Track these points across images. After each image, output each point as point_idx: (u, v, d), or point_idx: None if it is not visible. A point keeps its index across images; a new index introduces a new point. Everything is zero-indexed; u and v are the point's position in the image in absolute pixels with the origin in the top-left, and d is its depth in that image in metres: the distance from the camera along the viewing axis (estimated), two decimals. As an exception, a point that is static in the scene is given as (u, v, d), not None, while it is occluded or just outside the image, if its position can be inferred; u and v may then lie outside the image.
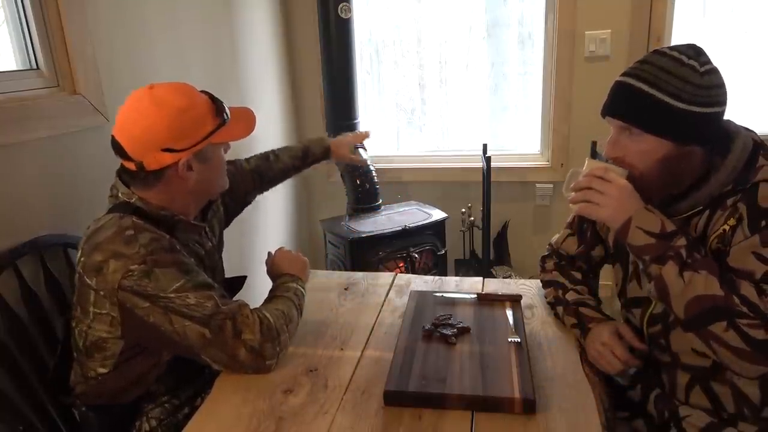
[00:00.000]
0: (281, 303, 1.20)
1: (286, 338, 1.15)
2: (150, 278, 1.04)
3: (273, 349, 1.12)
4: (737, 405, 1.07)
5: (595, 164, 1.07)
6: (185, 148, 1.09)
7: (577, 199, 1.06)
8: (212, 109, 1.13)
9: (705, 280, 0.94)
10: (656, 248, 0.98)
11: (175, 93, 1.10)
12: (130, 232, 1.07)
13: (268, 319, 1.12)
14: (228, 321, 1.08)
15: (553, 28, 2.69)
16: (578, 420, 0.98)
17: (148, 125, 1.07)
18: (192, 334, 1.06)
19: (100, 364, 1.13)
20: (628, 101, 1.01)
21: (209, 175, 1.16)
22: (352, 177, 2.65)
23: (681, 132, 0.99)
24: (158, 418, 1.19)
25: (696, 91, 0.96)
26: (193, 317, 1.05)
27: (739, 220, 0.97)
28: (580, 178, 1.07)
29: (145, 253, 1.05)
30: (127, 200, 1.13)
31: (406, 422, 0.99)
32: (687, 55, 0.98)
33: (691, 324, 0.97)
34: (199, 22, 2.08)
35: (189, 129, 1.09)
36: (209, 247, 1.29)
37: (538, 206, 2.94)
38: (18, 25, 1.41)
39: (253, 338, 1.09)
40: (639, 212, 1.00)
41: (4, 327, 1.22)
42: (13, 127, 1.30)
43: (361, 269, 2.28)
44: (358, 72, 2.68)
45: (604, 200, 1.02)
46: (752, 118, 2.20)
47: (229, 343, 1.08)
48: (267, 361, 1.12)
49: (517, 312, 1.30)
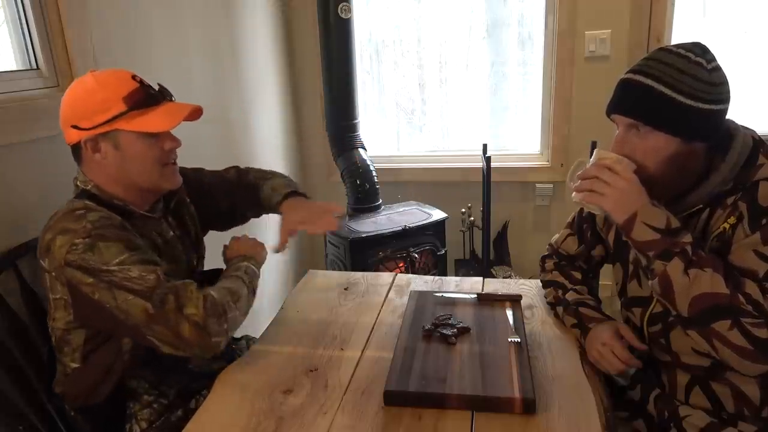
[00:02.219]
0: (229, 281, 1.19)
1: (234, 316, 1.13)
2: (93, 251, 1.04)
3: (219, 326, 1.09)
4: (737, 405, 1.07)
5: (605, 154, 1.04)
6: (88, 128, 1.11)
7: (582, 187, 1.04)
8: (129, 95, 1.12)
9: (711, 277, 0.94)
10: (661, 244, 0.97)
11: (94, 76, 1.14)
12: (80, 211, 1.10)
13: (212, 296, 1.10)
14: (170, 295, 1.06)
15: (553, 28, 2.69)
16: (578, 420, 0.98)
17: (64, 101, 1.16)
18: (135, 310, 1.05)
19: (71, 359, 1.14)
20: (637, 98, 1.00)
21: (127, 164, 1.15)
22: (352, 177, 2.66)
23: (691, 129, 0.99)
24: (148, 420, 1.19)
25: (706, 89, 0.97)
26: (136, 290, 1.04)
27: (739, 218, 0.97)
28: (588, 166, 1.05)
29: (90, 227, 1.06)
30: (84, 187, 1.17)
31: (406, 422, 0.99)
32: (693, 53, 0.98)
33: (694, 321, 0.96)
34: (199, 22, 2.08)
35: (90, 110, 1.11)
36: (170, 237, 1.27)
37: (538, 206, 2.94)
38: (18, 25, 1.41)
39: (197, 313, 1.06)
40: (645, 207, 0.99)
41: (4, 327, 1.21)
42: (13, 127, 1.30)
43: (361, 269, 2.28)
44: (358, 72, 2.68)
45: (610, 191, 1.00)
46: (752, 117, 2.19)
47: (171, 318, 1.05)
48: (213, 338, 1.08)
49: (517, 312, 1.30)
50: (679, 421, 1.11)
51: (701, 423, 1.09)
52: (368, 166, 2.66)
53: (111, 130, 1.12)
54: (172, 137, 1.20)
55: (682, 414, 1.11)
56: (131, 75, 1.16)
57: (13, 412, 1.16)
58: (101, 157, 1.14)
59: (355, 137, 2.69)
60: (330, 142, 2.74)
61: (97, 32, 1.54)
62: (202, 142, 2.03)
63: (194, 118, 1.22)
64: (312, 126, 3.03)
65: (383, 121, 3.12)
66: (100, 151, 1.14)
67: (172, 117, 1.16)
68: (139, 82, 1.15)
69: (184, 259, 1.31)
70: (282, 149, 2.86)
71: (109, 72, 1.17)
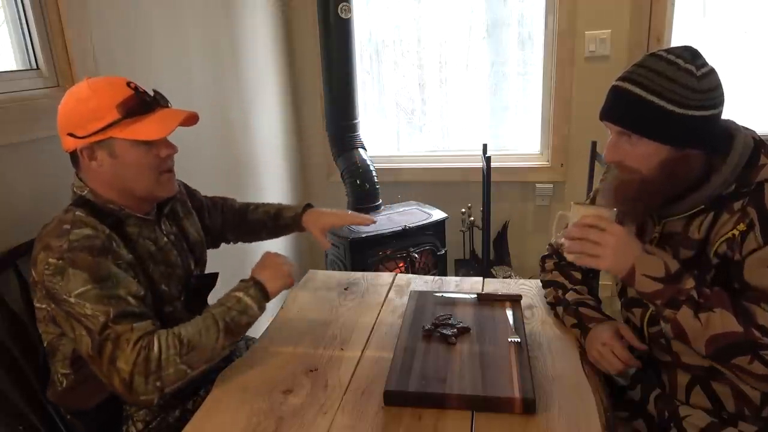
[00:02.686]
0: (202, 320, 1.11)
1: (171, 374, 1.04)
2: (62, 276, 1.04)
3: (146, 385, 1.02)
4: (737, 405, 1.06)
5: (582, 210, 1.05)
6: (83, 136, 1.11)
7: (573, 250, 1.05)
8: (122, 103, 1.11)
9: (721, 318, 0.94)
10: (667, 293, 0.98)
11: (88, 84, 1.13)
12: (67, 226, 1.09)
13: (153, 351, 1.03)
14: (109, 343, 1.02)
15: (552, 28, 2.69)
16: (578, 420, 0.98)
17: (60, 109, 1.15)
18: (83, 346, 1.05)
19: (61, 365, 1.15)
20: (627, 107, 1.01)
21: (123, 171, 1.15)
22: (352, 177, 2.66)
23: (680, 136, 0.99)
24: (144, 420, 1.19)
25: (694, 96, 0.96)
26: (86, 327, 1.03)
27: (750, 225, 0.96)
28: (570, 225, 1.06)
29: (66, 248, 1.05)
30: (80, 193, 1.17)
31: (406, 422, 0.99)
32: (683, 59, 0.98)
33: (715, 358, 0.99)
34: (199, 22, 2.08)
35: (85, 119, 1.11)
36: (164, 243, 1.26)
37: (538, 206, 2.94)
38: (18, 25, 1.41)
39: (125, 369, 1.01)
40: (641, 258, 0.99)
41: (4, 327, 1.21)
42: (13, 127, 1.30)
43: (361, 269, 2.28)
44: (358, 72, 2.68)
45: (602, 251, 1.01)
46: (752, 118, 2.20)
47: (104, 366, 1.03)
48: (141, 397, 1.03)
49: (517, 312, 1.30)
50: (679, 421, 1.11)
51: (701, 423, 1.09)
52: (368, 166, 2.67)
53: (106, 138, 1.11)
54: (168, 144, 1.19)
55: (683, 414, 1.11)
56: (126, 82, 1.15)
57: (12, 412, 1.16)
58: (97, 164, 1.14)
59: (355, 137, 2.70)
60: (330, 142, 2.74)
61: (97, 32, 1.54)
62: (202, 143, 2.04)
63: (190, 124, 1.21)
64: (312, 126, 3.03)
65: (383, 121, 3.12)
66: (96, 159, 1.13)
67: (166, 124, 1.14)
68: (133, 89, 1.14)
69: (180, 264, 1.29)
70: (282, 149, 2.86)
71: (103, 79, 1.16)
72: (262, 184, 2.59)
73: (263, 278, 1.20)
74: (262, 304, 1.17)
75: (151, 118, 1.14)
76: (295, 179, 3.02)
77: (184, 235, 1.36)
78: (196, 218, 1.42)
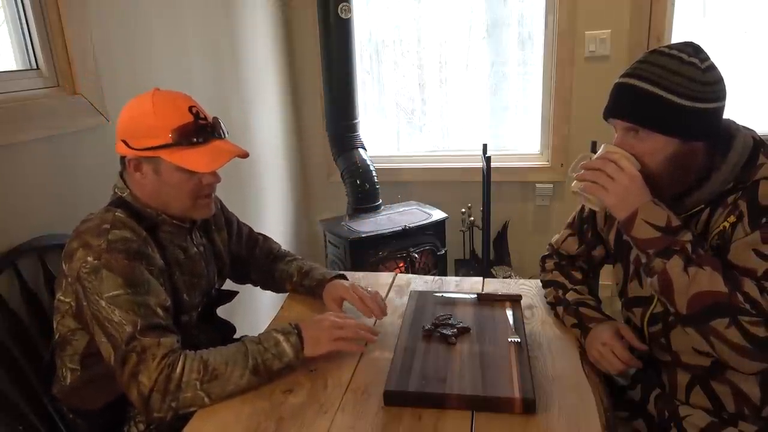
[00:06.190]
0: (233, 352, 1.09)
1: (188, 398, 1.03)
2: (96, 276, 1.05)
3: (162, 403, 1.02)
4: (737, 404, 1.07)
5: (613, 149, 1.04)
6: (134, 148, 1.13)
7: (585, 176, 1.04)
8: (178, 129, 1.12)
9: (709, 276, 0.94)
10: (661, 242, 0.97)
11: (153, 98, 1.14)
12: (106, 225, 1.10)
13: (176, 371, 1.03)
14: (134, 355, 1.02)
15: (553, 28, 2.69)
16: (578, 420, 0.98)
17: (122, 113, 1.17)
18: (105, 352, 1.06)
19: (69, 359, 1.15)
20: (634, 103, 1.01)
21: (164, 189, 1.16)
22: (352, 177, 2.66)
23: (689, 129, 0.99)
24: (146, 421, 1.19)
25: (700, 88, 0.97)
26: (110, 335, 1.04)
27: (739, 217, 0.97)
28: (595, 158, 1.05)
29: (104, 249, 1.06)
30: (120, 194, 1.18)
31: (406, 422, 0.99)
32: (686, 53, 0.98)
33: (693, 319, 0.97)
34: (199, 22, 2.08)
35: (140, 133, 1.12)
36: (193, 253, 1.27)
37: (538, 206, 2.94)
38: (18, 25, 1.41)
39: (146, 384, 1.01)
40: (646, 205, 0.99)
41: (4, 327, 1.22)
42: (13, 127, 1.30)
43: (361, 269, 2.28)
44: (358, 72, 2.68)
45: (613, 186, 1.00)
46: (752, 118, 2.19)
47: (125, 378, 1.03)
48: (154, 414, 1.02)
49: (517, 312, 1.30)
50: (679, 420, 1.11)
51: (701, 423, 1.09)
52: (368, 166, 2.67)
53: (154, 156, 1.13)
54: (213, 173, 1.20)
55: (683, 414, 1.11)
56: (189, 105, 1.15)
57: (13, 412, 1.16)
58: (141, 176, 1.16)
59: (355, 137, 2.70)
60: (330, 142, 2.74)
61: (97, 32, 1.54)
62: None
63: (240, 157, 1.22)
64: (312, 126, 3.03)
65: (383, 121, 3.12)
66: (141, 171, 1.15)
67: (215, 159, 1.15)
68: (194, 113, 1.15)
69: (205, 275, 1.31)
70: (282, 149, 2.86)
71: (169, 96, 1.16)
72: (262, 184, 2.59)
73: (306, 335, 1.13)
74: (300, 355, 1.12)
75: (202, 150, 1.14)
76: (295, 179, 3.02)
77: (212, 248, 1.37)
78: (225, 234, 1.43)
